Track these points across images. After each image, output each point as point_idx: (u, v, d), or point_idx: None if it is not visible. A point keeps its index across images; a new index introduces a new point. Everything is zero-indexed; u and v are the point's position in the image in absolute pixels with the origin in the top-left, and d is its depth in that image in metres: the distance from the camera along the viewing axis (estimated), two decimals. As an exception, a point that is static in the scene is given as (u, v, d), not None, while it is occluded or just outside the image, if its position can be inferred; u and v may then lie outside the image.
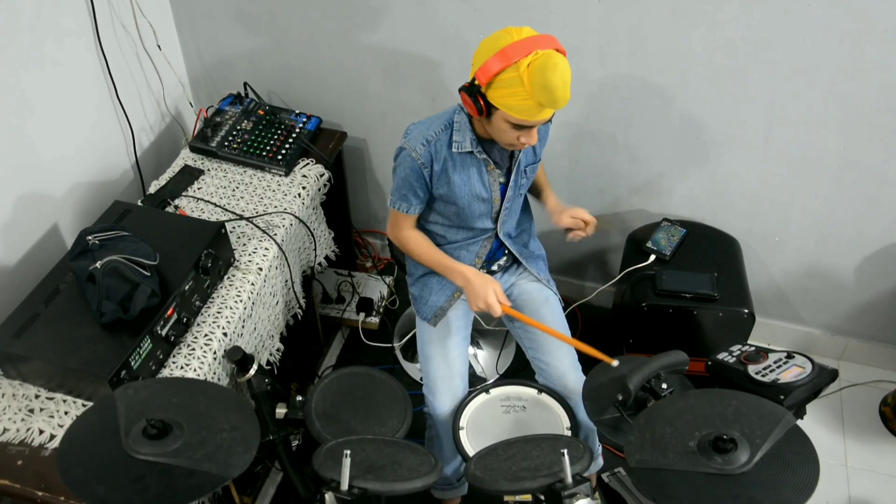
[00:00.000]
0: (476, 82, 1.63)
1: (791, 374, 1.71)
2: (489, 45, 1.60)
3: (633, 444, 1.39)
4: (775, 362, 1.78)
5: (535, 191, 2.13)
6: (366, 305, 2.82)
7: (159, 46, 2.41)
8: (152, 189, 2.20)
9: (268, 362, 2.09)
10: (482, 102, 1.64)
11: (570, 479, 1.39)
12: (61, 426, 1.62)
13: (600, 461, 2.16)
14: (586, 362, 1.94)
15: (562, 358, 1.96)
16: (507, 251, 2.07)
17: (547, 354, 1.97)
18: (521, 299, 2.08)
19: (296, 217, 2.16)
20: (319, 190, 2.33)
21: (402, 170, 1.85)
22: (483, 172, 1.84)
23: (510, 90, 1.58)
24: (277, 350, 2.13)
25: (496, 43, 1.58)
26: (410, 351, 2.71)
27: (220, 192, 2.21)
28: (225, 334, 1.81)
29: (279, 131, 2.36)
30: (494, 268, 2.08)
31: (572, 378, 1.93)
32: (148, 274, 1.67)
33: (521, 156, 1.87)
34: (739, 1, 1.95)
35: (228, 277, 1.94)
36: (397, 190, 1.89)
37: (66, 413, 1.64)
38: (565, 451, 1.41)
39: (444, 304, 2.03)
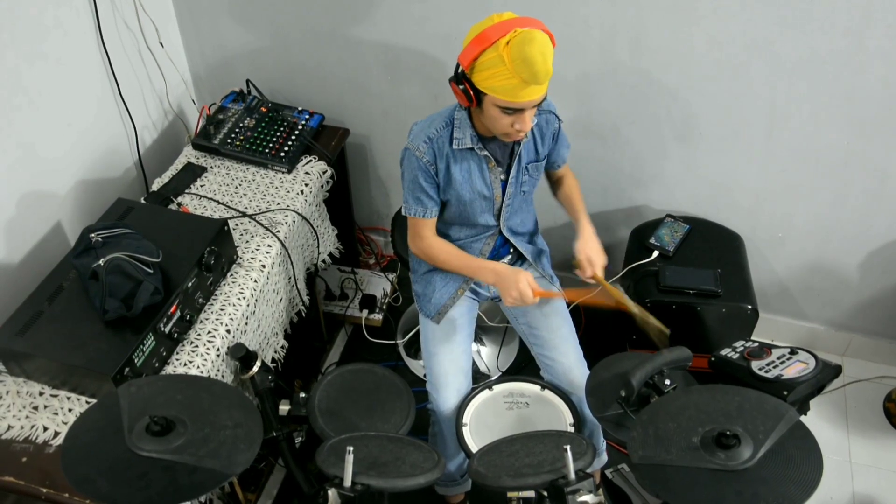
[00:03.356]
0: (460, 69, 1.64)
1: (794, 370, 1.71)
2: (472, 31, 1.61)
3: (637, 440, 1.39)
4: (779, 358, 1.77)
5: (569, 210, 2.07)
6: (369, 302, 2.82)
7: (161, 44, 2.41)
8: (155, 186, 2.21)
9: (272, 360, 2.09)
10: (470, 90, 1.64)
11: (573, 476, 1.39)
12: (65, 423, 1.62)
13: (604, 457, 2.16)
14: (591, 358, 1.94)
15: (567, 353, 1.95)
16: (511, 249, 2.06)
17: (552, 350, 1.97)
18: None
19: (299, 214, 2.16)
20: (322, 187, 2.33)
21: (410, 171, 1.84)
22: (484, 169, 1.84)
23: (492, 71, 1.58)
24: (282, 347, 2.13)
25: (478, 28, 1.60)
26: (414, 348, 2.71)
27: (222, 189, 2.22)
28: (228, 331, 1.81)
29: (282, 128, 2.36)
30: (499, 267, 2.08)
31: (577, 374, 1.93)
32: (151, 271, 1.68)
33: (521, 152, 1.87)
34: (742, -4, 1.95)
35: (231, 274, 1.94)
36: (409, 193, 1.88)
37: (69, 410, 1.65)
38: (568, 447, 1.41)
39: (447, 301, 2.03)
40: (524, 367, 2.65)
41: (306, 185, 2.24)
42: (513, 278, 1.79)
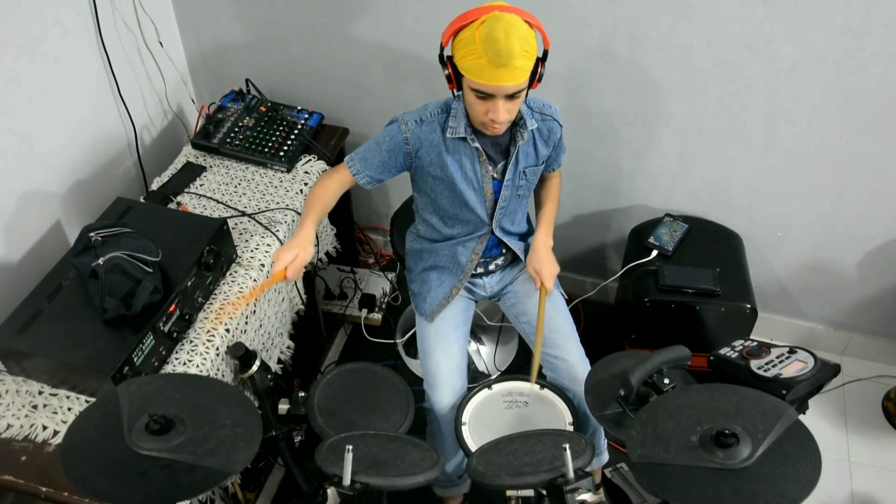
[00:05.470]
0: (442, 48, 1.66)
1: (793, 369, 1.71)
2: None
3: (635, 439, 1.39)
4: (777, 357, 1.78)
5: (537, 212, 2.10)
6: (368, 302, 2.82)
7: (161, 43, 2.41)
8: (154, 186, 2.21)
9: (279, 360, 2.09)
10: (452, 73, 1.66)
11: (571, 474, 1.39)
12: (64, 422, 1.62)
13: (606, 456, 2.16)
14: (590, 357, 1.95)
15: (570, 351, 1.95)
16: (504, 250, 2.06)
17: (554, 349, 1.97)
18: (522, 296, 2.08)
19: (298, 213, 2.16)
20: (321, 186, 2.32)
21: (382, 136, 1.83)
22: (475, 162, 1.83)
23: (466, 49, 1.59)
24: (288, 348, 2.13)
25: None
26: (413, 347, 2.71)
27: (222, 188, 2.22)
28: (227, 330, 1.81)
29: (281, 128, 2.36)
30: (492, 267, 2.08)
31: (581, 371, 1.93)
32: (150, 270, 1.68)
33: (519, 155, 1.85)
34: (741, -5, 1.96)
35: (231, 274, 1.94)
36: (365, 150, 1.84)
37: (69, 409, 1.65)
38: (567, 445, 1.41)
39: (442, 300, 2.02)
40: (523, 366, 2.65)
41: (306, 184, 2.24)
42: (287, 247, 1.71)
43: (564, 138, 1.97)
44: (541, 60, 1.64)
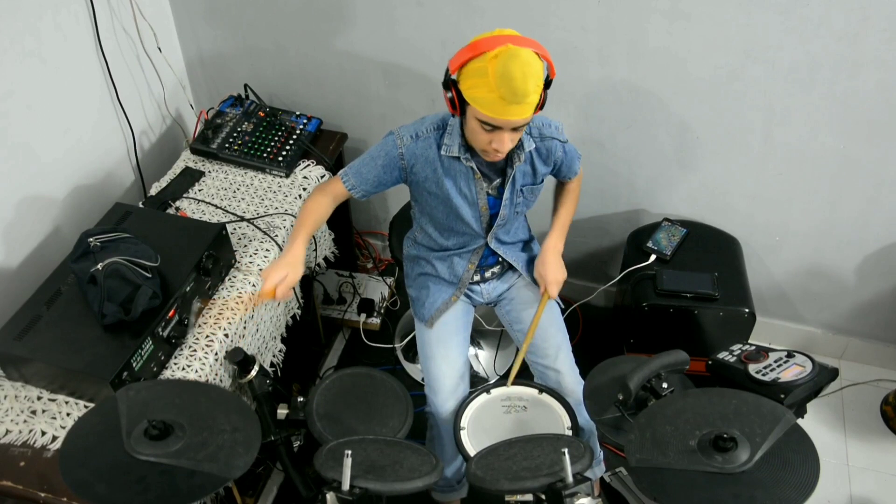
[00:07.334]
0: (448, 74, 1.63)
1: (791, 373, 1.71)
2: (473, 40, 1.60)
3: (634, 444, 1.39)
4: (776, 361, 1.78)
5: (553, 214, 2.10)
6: (367, 306, 2.82)
7: (160, 48, 2.41)
8: (153, 191, 2.21)
9: (271, 364, 2.09)
10: (456, 98, 1.64)
11: (570, 479, 1.39)
12: (63, 427, 1.62)
13: (602, 466, 2.16)
14: (589, 362, 1.95)
15: (562, 361, 1.96)
16: (499, 259, 2.06)
17: (545, 358, 1.97)
18: (517, 303, 2.08)
19: (296, 218, 2.15)
20: (320, 191, 2.32)
21: (378, 150, 1.82)
22: (470, 180, 1.82)
23: (476, 81, 1.56)
24: (280, 351, 2.13)
25: (476, 38, 1.59)
26: (411, 352, 2.71)
27: (220, 193, 2.22)
28: (226, 335, 1.81)
29: (280, 133, 2.36)
30: (488, 275, 2.08)
31: (570, 380, 1.93)
32: (149, 275, 1.68)
33: (516, 174, 1.84)
34: (737, 1, 1.96)
35: (229, 279, 1.94)
36: (359, 164, 1.84)
37: (68, 414, 1.65)
38: (566, 450, 1.41)
39: (440, 305, 2.03)
40: (522, 371, 2.65)
41: (304, 189, 2.24)
42: (276, 265, 1.73)
43: (576, 150, 1.97)
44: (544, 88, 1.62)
